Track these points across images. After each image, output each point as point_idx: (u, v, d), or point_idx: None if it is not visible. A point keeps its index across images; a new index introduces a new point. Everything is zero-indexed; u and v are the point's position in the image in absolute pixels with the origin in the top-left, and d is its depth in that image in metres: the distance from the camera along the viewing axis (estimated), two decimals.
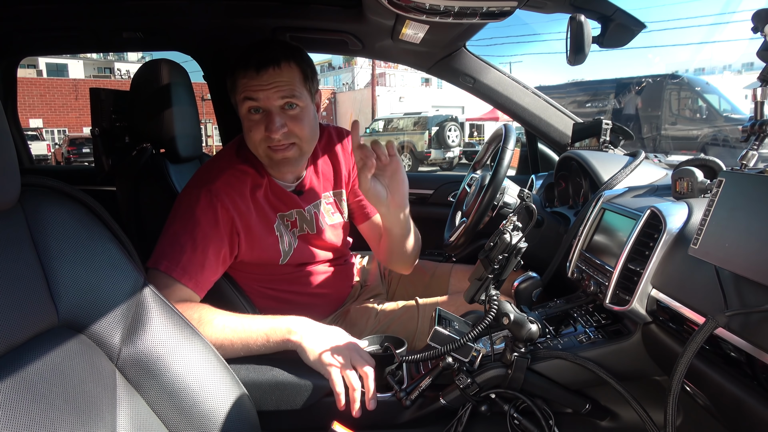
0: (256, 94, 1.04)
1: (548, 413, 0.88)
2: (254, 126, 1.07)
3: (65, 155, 16.22)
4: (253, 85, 1.04)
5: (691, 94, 8.85)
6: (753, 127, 0.79)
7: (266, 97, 1.05)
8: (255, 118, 1.07)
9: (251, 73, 1.04)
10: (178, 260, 1.00)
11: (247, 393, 0.82)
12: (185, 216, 1.04)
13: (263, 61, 1.04)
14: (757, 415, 0.62)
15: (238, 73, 1.06)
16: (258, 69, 1.04)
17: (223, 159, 1.16)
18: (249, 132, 1.08)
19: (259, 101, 1.05)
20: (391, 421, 0.94)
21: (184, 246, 1.01)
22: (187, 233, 1.02)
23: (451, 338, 0.84)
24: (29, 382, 0.56)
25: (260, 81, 1.04)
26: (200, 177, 1.12)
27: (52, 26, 1.74)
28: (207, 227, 1.04)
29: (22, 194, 0.63)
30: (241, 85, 1.06)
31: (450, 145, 13.47)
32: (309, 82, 1.11)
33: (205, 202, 1.05)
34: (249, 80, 1.04)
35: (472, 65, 1.70)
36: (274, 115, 1.05)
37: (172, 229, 1.04)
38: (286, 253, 1.18)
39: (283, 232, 1.17)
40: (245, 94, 1.05)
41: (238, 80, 1.06)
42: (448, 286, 1.47)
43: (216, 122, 2.00)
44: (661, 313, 0.81)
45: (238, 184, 1.10)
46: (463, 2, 1.00)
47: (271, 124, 1.05)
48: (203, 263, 1.02)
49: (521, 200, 1.00)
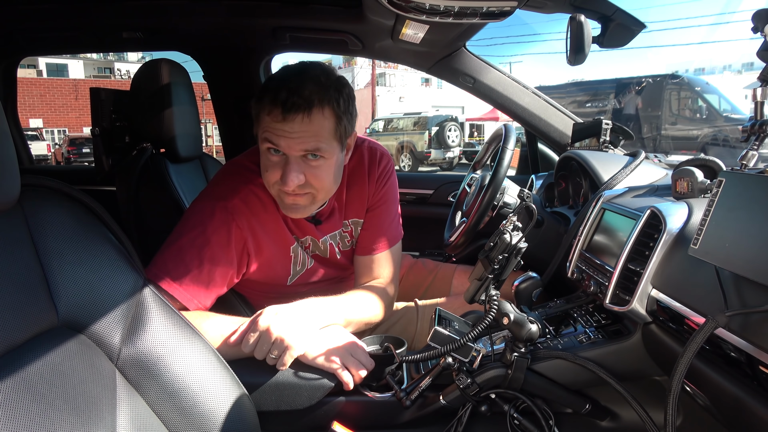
0: (278, 140, 0.93)
1: (548, 413, 0.88)
2: (271, 167, 0.97)
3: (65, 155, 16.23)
4: (276, 129, 0.93)
5: (691, 94, 8.86)
6: (753, 127, 0.79)
7: (288, 146, 0.94)
8: (273, 159, 0.96)
9: (276, 114, 0.92)
10: (180, 279, 0.94)
11: (247, 393, 0.82)
12: (196, 230, 0.98)
13: (292, 106, 0.91)
14: (757, 415, 0.62)
15: (263, 106, 0.94)
16: (285, 113, 0.91)
17: (243, 172, 1.06)
18: (265, 170, 0.98)
19: (280, 147, 0.94)
20: (391, 421, 0.94)
21: (190, 265, 0.95)
22: (195, 250, 0.96)
23: (451, 338, 0.84)
24: (29, 382, 0.56)
25: (284, 127, 0.92)
26: (217, 189, 1.04)
27: (52, 26, 1.74)
28: (217, 247, 0.97)
29: (22, 194, 0.63)
30: (264, 122, 0.95)
31: (450, 145, 13.46)
32: (341, 126, 0.98)
33: (219, 220, 0.98)
34: (273, 121, 0.93)
35: (472, 65, 1.70)
36: (292, 165, 0.95)
37: (180, 241, 0.97)
38: (297, 273, 1.13)
39: (300, 253, 1.11)
40: (266, 135, 0.94)
41: (261, 114, 0.95)
42: (450, 288, 1.47)
43: (216, 122, 2.00)
44: (661, 313, 0.81)
45: (256, 202, 1.03)
46: (463, 2, 1.00)
47: (288, 174, 0.95)
48: (207, 284, 0.97)
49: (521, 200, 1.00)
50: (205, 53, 1.88)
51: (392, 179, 1.22)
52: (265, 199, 1.04)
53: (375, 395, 0.94)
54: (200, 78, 1.99)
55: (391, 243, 1.21)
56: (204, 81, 1.94)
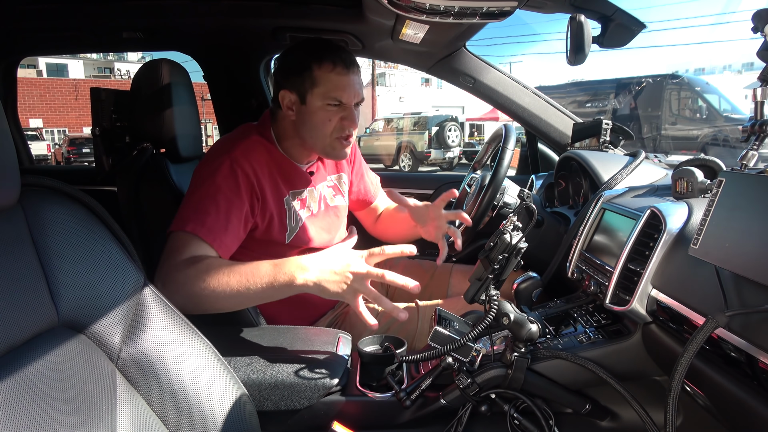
0: (345, 91, 1.11)
1: (548, 413, 0.88)
2: (332, 116, 1.13)
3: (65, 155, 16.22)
4: (343, 82, 1.11)
5: (691, 94, 8.86)
6: (753, 127, 0.79)
7: (354, 95, 1.13)
8: (333, 110, 1.12)
9: (341, 69, 1.10)
10: (203, 222, 1.00)
11: (247, 393, 0.82)
12: (206, 183, 1.06)
13: (350, 62, 1.12)
14: (757, 415, 0.62)
15: (323, 66, 1.10)
16: (348, 67, 1.11)
17: (239, 134, 1.19)
18: (326, 122, 1.13)
19: (347, 98, 1.12)
20: (391, 421, 0.94)
21: (208, 209, 1.02)
22: (210, 198, 1.04)
23: (451, 338, 0.84)
24: (29, 382, 0.56)
25: (349, 79, 1.12)
26: (218, 148, 1.14)
27: (52, 26, 1.74)
28: (229, 192, 1.05)
29: (22, 194, 0.63)
30: (328, 80, 1.10)
31: (450, 145, 13.46)
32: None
33: (226, 169, 1.06)
34: (339, 76, 1.10)
35: (472, 65, 1.70)
36: (353, 110, 1.14)
37: (195, 195, 1.05)
38: (292, 229, 1.19)
39: (292, 206, 1.19)
40: (333, 90, 1.11)
41: (322, 74, 1.10)
42: (448, 287, 1.47)
43: (216, 122, 2.00)
44: (661, 313, 0.81)
45: (255, 153, 1.13)
46: (463, 2, 1.00)
47: (352, 117, 1.14)
48: (226, 226, 1.04)
49: (521, 200, 1.00)
50: (205, 53, 1.88)
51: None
52: (261, 152, 1.15)
53: (375, 395, 0.94)
54: (200, 78, 1.99)
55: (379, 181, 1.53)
56: (204, 81, 1.94)
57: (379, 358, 0.95)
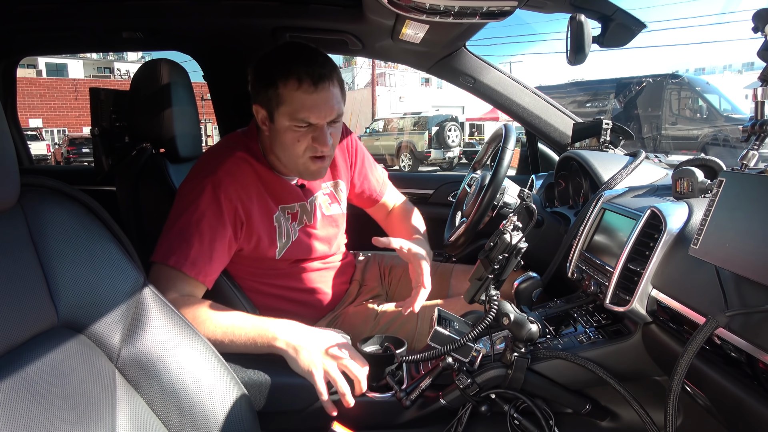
0: (312, 111, 1.02)
1: (548, 413, 0.88)
2: (301, 137, 1.05)
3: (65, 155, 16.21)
4: (310, 102, 1.01)
5: (691, 94, 8.86)
6: (753, 126, 0.79)
7: (325, 114, 1.04)
8: (301, 129, 1.05)
9: (307, 87, 1.00)
10: (186, 255, 1.00)
11: (247, 393, 0.82)
12: (190, 209, 1.04)
13: (320, 77, 1.01)
14: (757, 415, 0.62)
15: (288, 84, 1.01)
16: (316, 84, 1.01)
17: (223, 149, 1.15)
18: (294, 143, 1.06)
19: (315, 118, 1.03)
20: (391, 421, 0.94)
21: (191, 240, 1.01)
22: (193, 226, 1.02)
23: (451, 338, 0.84)
24: (29, 382, 0.56)
25: (317, 97, 1.01)
26: (201, 168, 1.11)
27: (52, 26, 1.73)
28: (212, 218, 1.04)
29: (21, 194, 0.63)
30: (294, 99, 1.01)
31: (450, 145, 13.45)
32: (343, 91, 1.10)
33: (209, 194, 1.04)
34: (305, 95, 1.01)
35: (472, 65, 1.70)
36: (324, 130, 1.05)
37: (178, 223, 1.03)
38: (283, 245, 1.17)
39: (282, 223, 1.17)
40: (299, 110, 1.02)
41: (287, 92, 1.02)
42: (448, 287, 1.47)
43: (216, 122, 2.00)
44: (661, 313, 0.81)
45: (239, 173, 1.10)
46: (463, 2, 1.00)
47: (323, 137, 1.05)
48: (211, 255, 1.03)
49: (521, 200, 1.00)
50: (205, 53, 1.88)
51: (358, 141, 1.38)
52: (246, 170, 1.12)
53: (375, 395, 0.93)
54: (200, 78, 1.99)
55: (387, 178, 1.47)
56: (204, 81, 1.94)
57: (379, 358, 0.95)
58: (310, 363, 0.89)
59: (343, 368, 0.90)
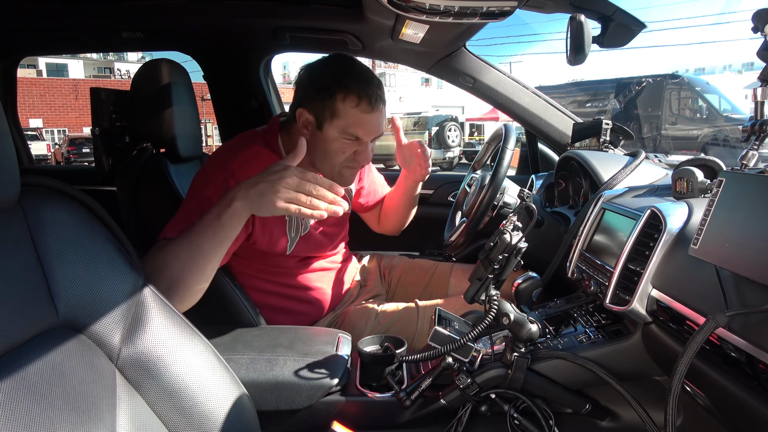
0: (365, 129, 1.09)
1: (548, 413, 0.88)
2: (347, 149, 1.11)
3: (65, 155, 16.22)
4: (364, 121, 1.08)
5: (691, 94, 8.86)
6: (753, 127, 0.79)
7: (371, 134, 1.11)
8: (348, 143, 1.10)
9: (365, 107, 1.07)
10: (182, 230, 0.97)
11: (247, 393, 0.82)
12: (199, 193, 1.05)
13: (377, 98, 1.08)
14: (757, 415, 0.62)
15: (347, 99, 1.06)
16: (373, 106, 1.07)
17: (239, 143, 1.16)
18: (338, 153, 1.11)
19: (364, 135, 1.09)
20: (391, 421, 0.94)
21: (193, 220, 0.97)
22: (199, 210, 1.00)
23: (451, 338, 0.84)
24: (29, 382, 0.56)
25: (372, 118, 1.08)
26: (218, 156, 1.13)
27: (52, 26, 1.74)
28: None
29: (21, 194, 0.63)
30: (350, 115, 1.07)
31: (450, 145, 13.46)
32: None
33: (220, 180, 1.05)
34: (362, 114, 1.07)
35: (472, 65, 1.70)
36: (368, 147, 1.13)
37: (186, 206, 1.05)
38: (293, 239, 1.18)
39: (293, 217, 1.18)
40: (352, 126, 1.07)
41: (344, 107, 1.07)
42: (448, 287, 1.47)
43: (216, 122, 2.00)
44: (661, 313, 0.81)
45: (254, 164, 1.09)
46: (463, 2, 1.00)
47: (366, 153, 1.13)
48: None
49: (521, 200, 1.00)
50: (205, 53, 1.88)
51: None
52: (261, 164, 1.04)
53: (375, 395, 0.94)
54: (200, 78, 1.99)
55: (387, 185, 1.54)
56: (204, 81, 1.94)
57: (379, 358, 0.95)
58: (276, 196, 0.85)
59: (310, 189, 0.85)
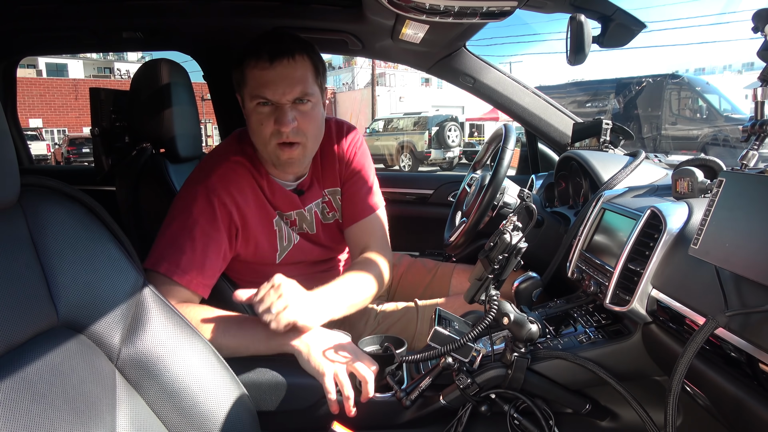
0: (269, 87, 0.99)
1: (548, 413, 0.88)
2: (264, 119, 1.02)
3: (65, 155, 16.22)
4: (265, 78, 0.99)
5: (691, 94, 8.86)
6: (753, 127, 0.79)
7: (280, 93, 1.00)
8: (264, 110, 1.02)
9: (263, 63, 0.99)
10: (177, 262, 0.98)
11: (247, 393, 0.82)
12: (183, 215, 1.03)
13: (277, 52, 0.99)
14: (757, 416, 0.62)
15: (247, 63, 1.01)
16: (272, 60, 0.98)
17: (219, 154, 1.13)
18: (259, 126, 1.03)
19: (272, 95, 1.00)
20: (391, 421, 0.94)
21: (183, 247, 0.99)
22: (186, 233, 1.00)
23: (451, 338, 0.84)
24: (29, 382, 0.56)
25: (274, 73, 0.99)
26: (196, 174, 1.10)
27: (52, 26, 1.73)
28: (206, 225, 1.02)
29: (21, 194, 0.63)
30: (252, 77, 1.00)
31: (450, 145, 13.46)
32: (320, 77, 1.07)
33: (202, 200, 1.03)
34: (261, 71, 0.99)
35: (472, 65, 1.70)
36: (285, 109, 1.01)
37: (171, 229, 1.02)
38: (284, 248, 1.16)
39: (283, 227, 1.15)
40: (256, 87, 1.00)
41: (247, 71, 1.01)
42: (449, 287, 1.47)
43: (216, 122, 2.00)
44: (661, 313, 0.81)
45: (234, 176, 1.08)
46: (463, 2, 1.00)
47: (283, 116, 1.00)
48: (203, 263, 1.01)
49: (521, 200, 1.00)
50: (205, 53, 1.88)
51: (363, 149, 1.27)
52: (242, 173, 1.09)
53: (375, 395, 0.94)
54: (200, 78, 1.99)
55: (374, 209, 1.24)
56: (204, 81, 1.94)
57: (379, 358, 0.95)
58: (322, 362, 0.89)
59: (351, 369, 0.90)
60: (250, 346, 0.94)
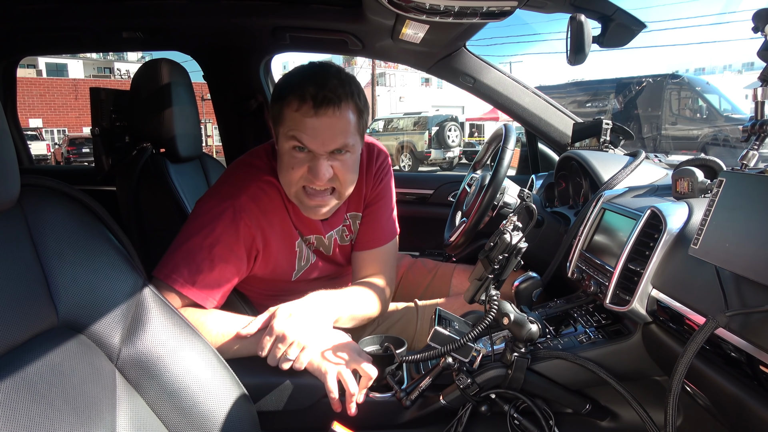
0: (308, 134, 0.92)
1: (548, 413, 0.88)
2: (297, 164, 0.95)
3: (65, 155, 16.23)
4: (307, 125, 0.91)
5: (691, 93, 8.86)
6: (753, 126, 0.79)
7: (319, 141, 0.93)
8: (299, 156, 0.95)
9: (307, 109, 0.91)
10: (193, 280, 0.95)
11: (247, 393, 0.82)
12: (205, 230, 0.98)
13: (324, 99, 0.90)
14: (757, 415, 0.62)
15: (289, 102, 0.92)
16: (317, 107, 0.91)
17: (249, 170, 1.07)
18: (290, 169, 0.97)
19: (310, 143, 0.93)
20: (391, 421, 0.94)
21: (201, 265, 0.96)
22: (205, 251, 0.96)
23: (451, 338, 0.84)
24: (29, 382, 0.56)
25: (317, 122, 0.91)
26: (227, 189, 1.04)
27: (52, 26, 1.74)
28: (227, 246, 0.98)
29: (21, 194, 0.63)
30: (292, 119, 0.93)
31: (450, 145, 13.46)
32: (362, 121, 0.99)
33: (228, 219, 0.98)
34: (303, 117, 0.91)
35: (472, 65, 1.70)
36: (321, 161, 0.94)
37: (190, 242, 0.97)
38: (301, 268, 1.14)
39: (304, 248, 1.13)
40: (294, 130, 0.92)
41: (287, 111, 0.93)
42: (449, 287, 1.46)
43: (216, 122, 2.00)
44: (661, 313, 0.81)
45: (264, 198, 1.03)
46: (463, 2, 1.00)
47: (318, 169, 0.94)
48: (218, 283, 0.98)
49: (521, 200, 1.00)
50: (205, 53, 1.88)
51: (389, 176, 1.23)
52: (272, 195, 1.05)
53: (375, 395, 0.94)
54: (200, 78, 2.00)
55: (388, 239, 1.22)
56: (204, 81, 1.94)
57: (379, 358, 0.95)
58: (324, 362, 0.90)
59: (354, 367, 0.90)
60: (251, 347, 0.94)
